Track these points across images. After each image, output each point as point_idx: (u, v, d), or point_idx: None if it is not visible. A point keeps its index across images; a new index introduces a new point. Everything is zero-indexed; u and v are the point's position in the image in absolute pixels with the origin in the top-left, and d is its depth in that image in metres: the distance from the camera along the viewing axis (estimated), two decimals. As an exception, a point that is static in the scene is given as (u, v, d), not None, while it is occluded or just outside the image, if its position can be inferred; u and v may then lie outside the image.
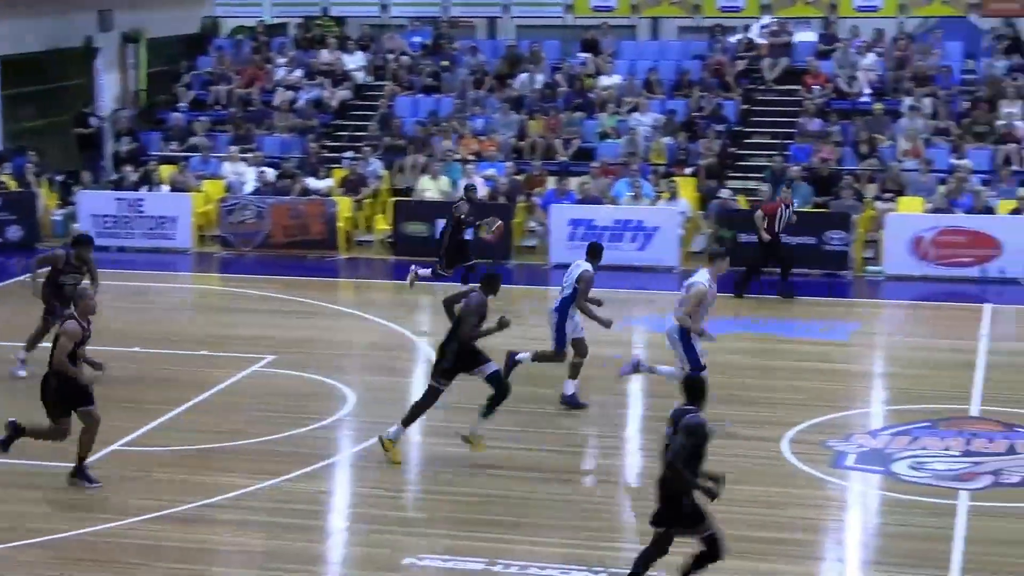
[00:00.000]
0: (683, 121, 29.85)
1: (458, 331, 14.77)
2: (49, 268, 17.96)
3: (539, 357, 16.96)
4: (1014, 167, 27.22)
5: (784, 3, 32.97)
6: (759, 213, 23.71)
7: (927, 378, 18.24)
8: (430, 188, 27.98)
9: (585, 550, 12.39)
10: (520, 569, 11.99)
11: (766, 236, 23.38)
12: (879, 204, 26.35)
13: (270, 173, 28.88)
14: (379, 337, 20.62)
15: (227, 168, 29.20)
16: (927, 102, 29.24)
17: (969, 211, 25.00)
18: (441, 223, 25.56)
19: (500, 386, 14.92)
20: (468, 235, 22.72)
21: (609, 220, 25.98)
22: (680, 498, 10.93)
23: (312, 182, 28.57)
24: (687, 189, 27.67)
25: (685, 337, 16.04)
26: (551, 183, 28.09)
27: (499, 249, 25.25)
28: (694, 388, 11.23)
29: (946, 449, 15.19)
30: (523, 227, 27.56)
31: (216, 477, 14.21)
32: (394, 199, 28.11)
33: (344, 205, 27.75)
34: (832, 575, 12.38)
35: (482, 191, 27.47)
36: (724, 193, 26.97)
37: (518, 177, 28.24)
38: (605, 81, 31.56)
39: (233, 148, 29.90)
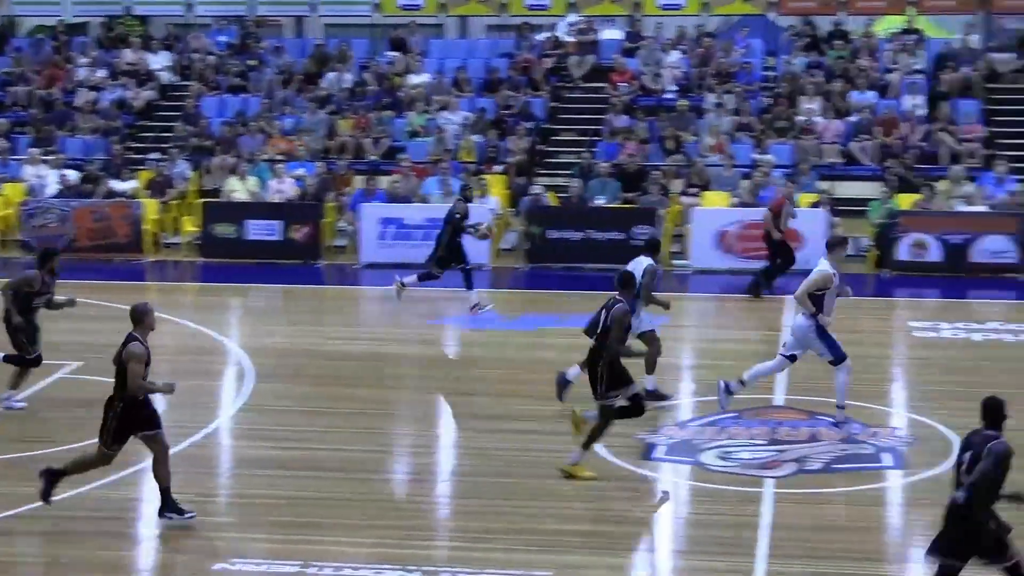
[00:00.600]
0: (492, 119, 30.01)
1: (607, 344, 14.02)
2: (13, 293, 16.51)
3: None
4: (814, 161, 27.92)
5: (590, 1, 33.38)
6: (767, 213, 23.46)
7: (733, 369, 18.57)
8: (238, 189, 27.68)
9: (399, 549, 12.37)
10: (335, 571, 11.92)
11: (778, 234, 23.17)
12: (685, 199, 26.81)
13: (72, 175, 28.27)
14: (187, 340, 20.32)
15: (28, 171, 28.53)
16: (730, 98, 29.84)
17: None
18: (251, 224, 25.39)
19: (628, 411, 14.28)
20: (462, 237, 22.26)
21: (420, 219, 25.98)
22: (980, 528, 10.19)
23: (117, 184, 28.05)
24: (497, 187, 27.82)
25: (819, 330, 15.69)
26: (360, 183, 28.00)
27: (309, 249, 25.15)
28: (996, 409, 10.47)
29: (752, 438, 15.51)
30: (333, 227, 27.42)
31: (20, 487, 13.84)
32: (202, 200, 27.75)
33: (150, 207, 27.30)
34: (644, 565, 12.55)
35: (291, 191, 27.29)
36: (535, 190, 27.18)
37: (327, 176, 28.09)
38: (414, 79, 31.57)
39: (34, 150, 29.22)
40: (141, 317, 12.81)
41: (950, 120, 28.65)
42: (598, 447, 14.91)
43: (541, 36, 33.56)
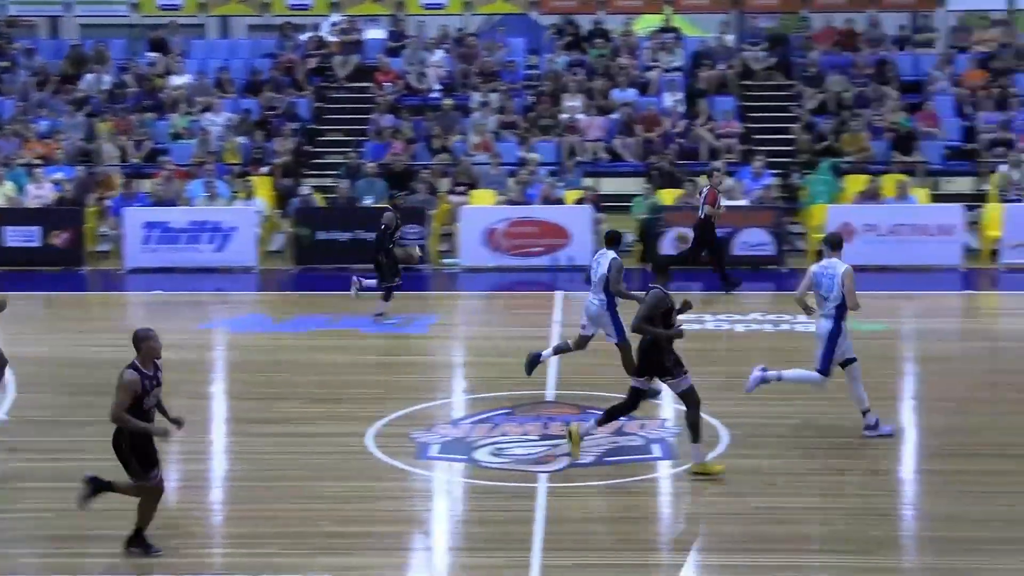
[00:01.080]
0: (257, 120, 29.69)
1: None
2: None
3: (559, 350, 17.27)
4: (578, 158, 28.33)
5: (353, 1, 33.25)
6: (708, 207, 23.31)
7: (505, 366, 18.72)
8: (-6, 194, 26.84)
9: (173, 558, 12.12)
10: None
11: (701, 217, 23.21)
12: (453, 198, 26.92)
13: None
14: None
15: None
16: (494, 97, 30.08)
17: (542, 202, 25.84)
18: (8, 230, 24.71)
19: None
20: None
21: (185, 222, 25.56)
22: None
23: None
24: (263, 188, 27.54)
25: (833, 336, 15.34)
26: (122, 186, 27.40)
27: (70, 255, 24.54)
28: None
29: (525, 434, 15.63)
30: (95, 232, 26.77)
31: None
32: (-44, 207, 26.83)
33: (-99, 215, 26.27)
34: (421, 564, 12.55)
35: (50, 196, 26.59)
36: (303, 191, 26.98)
37: (88, 180, 27.42)
38: (175, 81, 31.06)
39: None
40: (139, 343, 11.93)
41: (708, 116, 29.36)
42: (372, 447, 14.90)
43: (304, 36, 33.33)
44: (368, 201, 26.61)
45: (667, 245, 24.85)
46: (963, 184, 28.31)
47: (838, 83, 30.04)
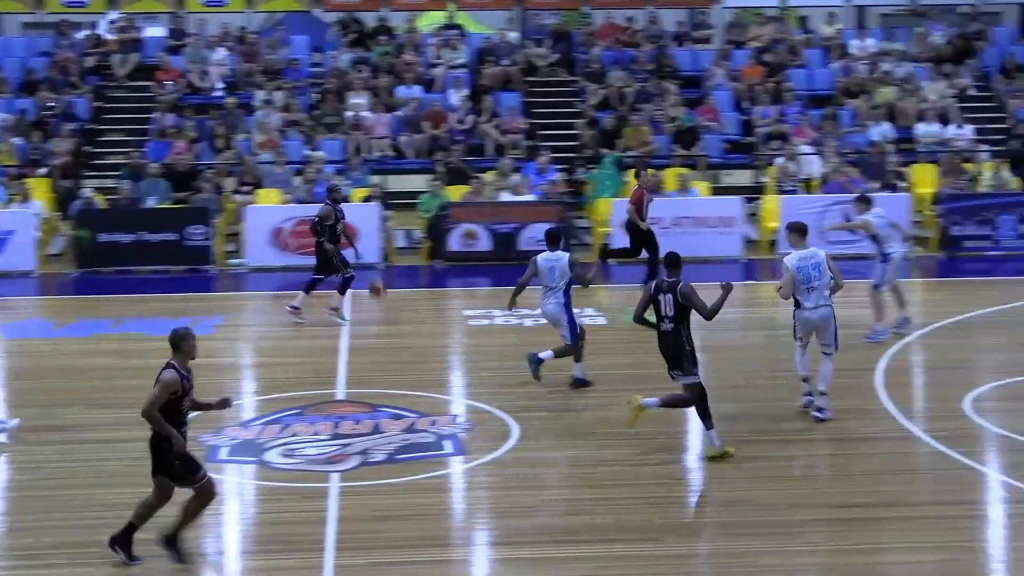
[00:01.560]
0: (33, 120, 28.92)
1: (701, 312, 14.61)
2: None
3: (561, 353, 17.01)
4: (364, 156, 28.25)
5: (131, -2, 32.65)
6: (630, 207, 23.04)
7: (294, 366, 18.60)
8: None
9: None
10: None
11: (645, 225, 22.80)
12: (238, 197, 26.61)
13: None
14: None
15: None
16: (279, 95, 29.81)
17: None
18: None
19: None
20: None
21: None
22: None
23: None
24: (41, 190, 26.84)
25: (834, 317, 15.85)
26: None
27: None
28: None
29: (316, 434, 15.54)
30: None
31: None
32: None
33: None
34: (212, 569, 12.37)
35: None
36: (84, 192, 26.36)
37: None
38: (-54, 80, 30.08)
39: None
40: (179, 342, 11.79)
41: (493, 113, 29.54)
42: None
43: (81, 34, 32.56)
44: (151, 202, 26.13)
45: (455, 241, 24.93)
46: (742, 177, 29.01)
47: (620, 79, 30.50)
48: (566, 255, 17.22)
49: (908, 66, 31.34)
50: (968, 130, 28.99)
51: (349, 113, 29.46)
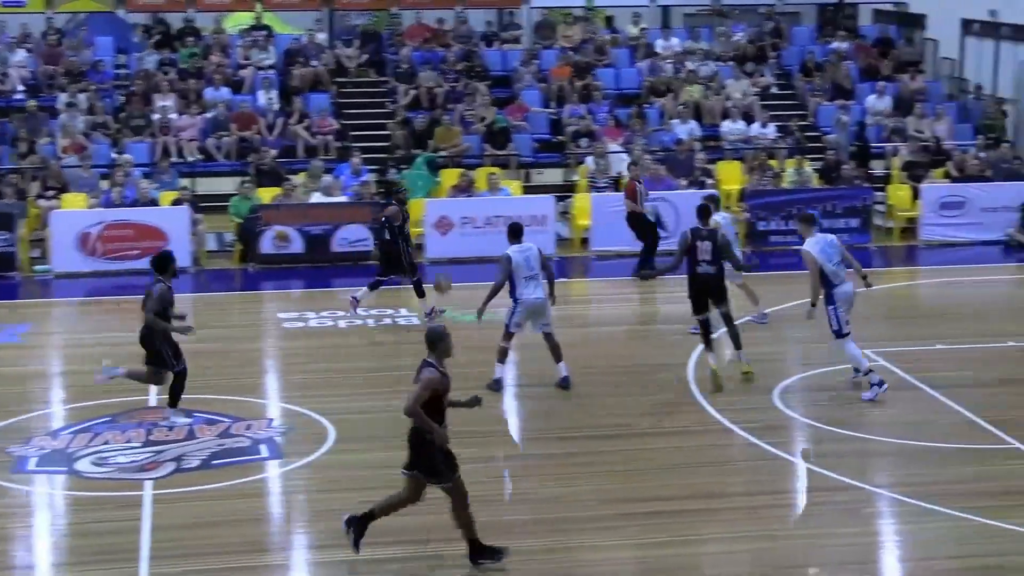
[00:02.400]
0: None
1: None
2: None
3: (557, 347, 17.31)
4: (173, 159, 27.83)
5: (-76, -1, 31.69)
6: (627, 200, 23.82)
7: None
8: None
9: None
10: None
11: (640, 208, 23.66)
12: (42, 202, 25.98)
13: None
14: None
15: None
16: (83, 97, 29.20)
17: (133, 204, 25.21)
18: None
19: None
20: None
21: None
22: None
23: None
24: None
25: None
26: None
27: None
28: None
29: (128, 442, 15.27)
30: None
31: None
32: None
33: None
34: (22, 583, 12.10)
35: None
36: None
37: None
38: None
39: None
40: (436, 342, 11.81)
41: (303, 114, 29.34)
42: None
43: None
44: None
45: (267, 244, 24.68)
46: (553, 175, 29.25)
47: (430, 79, 30.54)
48: (533, 244, 17.45)
49: (712, 65, 31.96)
50: (771, 127, 29.66)
51: (156, 115, 28.99)
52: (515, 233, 17.41)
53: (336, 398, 16.89)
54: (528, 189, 28.06)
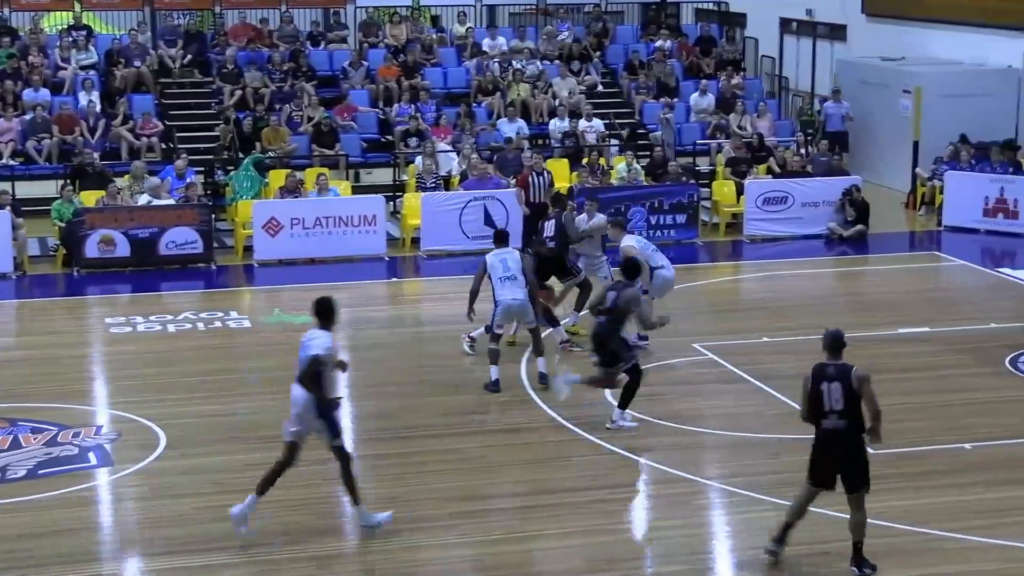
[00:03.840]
0: None
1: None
2: None
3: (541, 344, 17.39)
4: (-8, 162, 27.16)
5: None
6: (517, 190, 23.95)
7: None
8: None
9: None
10: None
11: (526, 209, 23.45)
12: None
13: None
14: None
15: None
16: None
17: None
18: None
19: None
20: None
21: None
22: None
23: None
24: None
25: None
26: None
27: None
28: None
29: (-50, 453, 14.90)
30: None
31: None
32: None
33: None
34: None
35: None
36: None
37: None
38: None
39: None
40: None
41: (127, 116, 28.84)
42: None
43: None
44: None
45: (91, 248, 24.21)
46: (382, 175, 29.18)
47: (256, 79, 30.25)
48: (515, 250, 17.79)
49: (539, 64, 32.18)
50: (598, 125, 29.95)
51: (-29, 118, 28.24)
52: (499, 239, 17.84)
53: (166, 403, 16.67)
54: (357, 189, 27.96)
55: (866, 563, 11.90)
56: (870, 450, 11.88)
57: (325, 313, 12.83)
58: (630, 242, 18.16)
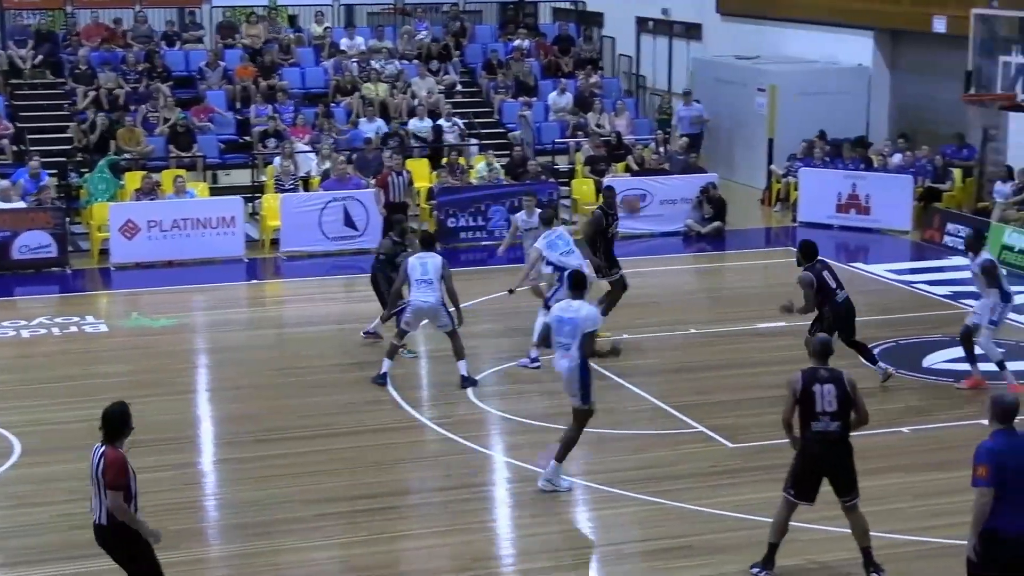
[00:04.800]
0: None
1: None
2: None
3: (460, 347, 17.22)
4: None
5: None
6: (376, 190, 23.18)
7: None
8: None
9: None
10: None
11: (383, 211, 22.60)
12: None
13: None
14: None
15: None
16: None
17: None
18: None
19: None
20: None
21: None
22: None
23: None
24: None
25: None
26: None
27: None
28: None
29: None
30: None
31: None
32: None
33: None
34: None
35: None
36: None
37: None
38: None
39: None
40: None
41: None
42: None
43: None
44: None
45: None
46: (241, 176, 28.87)
47: (110, 80, 29.78)
48: (438, 256, 17.50)
49: (397, 64, 32.11)
50: (457, 124, 29.97)
51: None
52: (425, 242, 17.96)
53: (21, 411, 16.35)
54: (215, 191, 27.65)
55: (876, 567, 11.76)
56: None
57: (579, 284, 13.84)
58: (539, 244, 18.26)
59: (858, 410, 11.57)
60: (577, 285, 13.89)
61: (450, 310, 17.26)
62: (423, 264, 17.29)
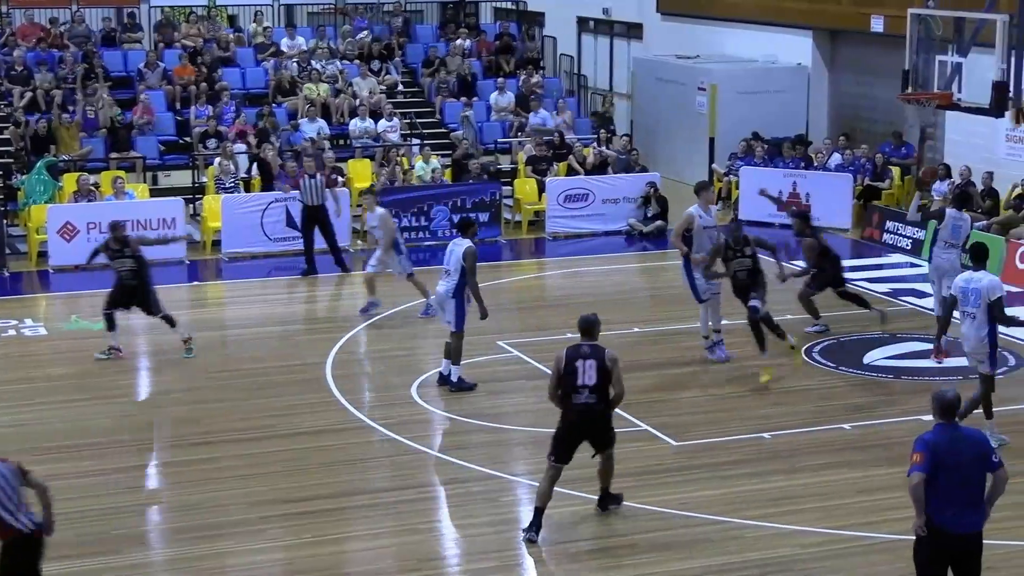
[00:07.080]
0: None
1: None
2: None
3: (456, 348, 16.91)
4: None
5: None
6: (289, 188, 24.49)
7: None
8: None
9: None
10: None
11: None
12: None
13: None
14: None
15: None
16: None
17: None
18: None
19: None
20: None
21: None
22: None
23: None
24: None
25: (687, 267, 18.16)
26: None
27: None
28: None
29: None
30: None
31: None
32: None
33: None
34: None
35: None
36: None
37: None
38: None
39: None
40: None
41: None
42: None
43: None
44: None
45: None
46: (181, 177, 28.66)
47: (47, 80, 29.50)
48: (465, 244, 16.60)
49: (338, 63, 31.98)
50: (398, 124, 29.91)
51: None
52: (459, 227, 17.33)
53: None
54: (155, 192, 27.42)
55: (612, 498, 13.14)
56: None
57: (981, 255, 14.79)
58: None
59: (616, 385, 12.54)
60: (979, 256, 14.75)
61: (460, 307, 16.76)
62: (449, 252, 16.90)
